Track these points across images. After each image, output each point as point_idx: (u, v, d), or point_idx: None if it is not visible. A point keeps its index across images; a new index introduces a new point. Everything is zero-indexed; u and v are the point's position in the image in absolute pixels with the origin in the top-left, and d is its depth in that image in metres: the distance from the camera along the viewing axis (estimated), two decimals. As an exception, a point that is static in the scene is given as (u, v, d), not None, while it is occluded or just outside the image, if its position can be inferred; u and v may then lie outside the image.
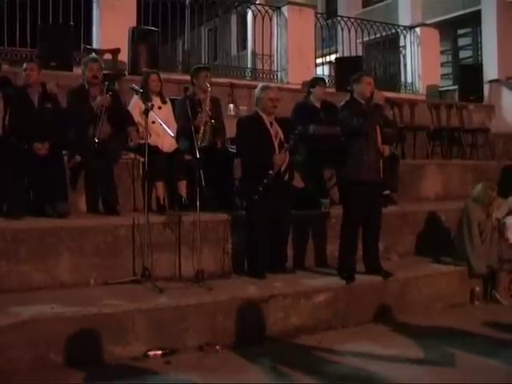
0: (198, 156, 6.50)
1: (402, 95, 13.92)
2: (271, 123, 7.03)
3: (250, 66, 13.99)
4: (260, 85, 7.38)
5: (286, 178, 7.04)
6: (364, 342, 6.03)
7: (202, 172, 6.44)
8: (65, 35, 10.24)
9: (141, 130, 7.15)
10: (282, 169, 6.90)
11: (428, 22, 16.27)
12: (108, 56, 10.48)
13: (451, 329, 6.51)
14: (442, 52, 16.73)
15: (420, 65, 14.68)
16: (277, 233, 6.93)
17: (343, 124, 7.04)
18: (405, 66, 15.01)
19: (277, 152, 6.85)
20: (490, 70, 14.13)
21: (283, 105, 8.56)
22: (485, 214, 7.73)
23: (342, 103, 7.20)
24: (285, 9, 13.10)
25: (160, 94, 7.70)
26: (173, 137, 7.19)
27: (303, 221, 7.50)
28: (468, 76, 14.19)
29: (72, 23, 10.93)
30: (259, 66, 13.45)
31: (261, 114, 7.02)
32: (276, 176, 6.75)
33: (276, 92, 7.15)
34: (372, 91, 6.92)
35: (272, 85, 7.78)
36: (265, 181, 6.62)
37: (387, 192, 8.54)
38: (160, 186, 7.24)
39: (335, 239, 7.31)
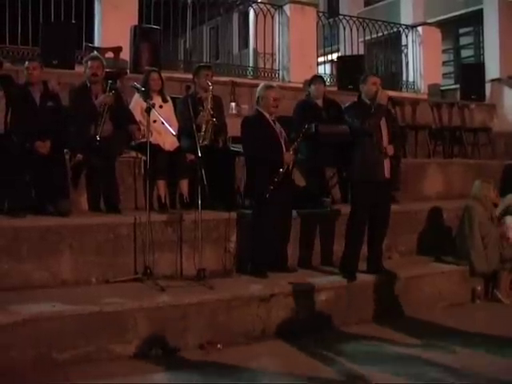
0: (199, 154, 6.50)
1: (404, 94, 13.92)
2: (274, 122, 7.03)
3: (251, 64, 13.98)
4: (262, 83, 7.37)
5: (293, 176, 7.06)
6: (364, 340, 6.03)
7: (203, 170, 6.44)
8: (67, 33, 10.22)
9: (142, 128, 7.15)
10: (290, 167, 6.93)
11: (430, 20, 16.24)
12: (110, 54, 10.47)
13: (452, 328, 6.51)
14: (443, 51, 16.73)
15: (422, 64, 14.67)
16: (279, 231, 6.93)
17: (348, 124, 7.06)
18: (406, 64, 15.01)
19: (284, 150, 6.86)
20: (492, 69, 14.12)
21: (285, 104, 8.56)
22: (486, 212, 7.73)
23: (348, 104, 7.21)
24: (287, 7, 13.09)
25: (161, 93, 7.70)
26: (174, 135, 7.19)
27: (307, 219, 7.49)
28: (470, 75, 14.19)
29: (74, 21, 10.93)
30: (261, 64, 13.45)
31: (263, 112, 7.01)
32: (284, 174, 6.76)
33: (278, 91, 7.14)
34: (377, 90, 6.92)
35: (274, 84, 7.77)
36: (275, 179, 6.63)
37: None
38: (161, 185, 7.24)
39: (338, 238, 7.32)
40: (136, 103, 7.51)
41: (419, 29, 14.87)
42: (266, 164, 6.74)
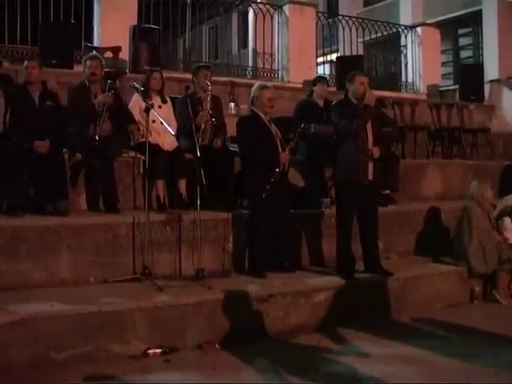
0: (198, 154, 6.50)
1: (403, 95, 13.94)
2: (269, 122, 7.04)
3: (251, 64, 13.98)
4: (257, 84, 7.37)
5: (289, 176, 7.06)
6: (362, 341, 6.01)
7: (202, 170, 6.44)
8: (66, 33, 10.23)
9: (141, 128, 7.16)
10: (286, 167, 6.93)
11: (429, 21, 16.26)
12: (109, 54, 10.47)
13: (450, 329, 6.52)
14: (442, 51, 16.71)
15: (421, 64, 14.68)
16: (277, 232, 6.93)
17: (334, 124, 7.05)
18: (406, 65, 15.01)
19: (280, 150, 6.86)
20: (491, 70, 14.14)
21: (284, 104, 8.60)
22: (484, 213, 7.73)
23: (335, 102, 7.20)
24: (286, 8, 13.09)
25: (161, 93, 7.70)
26: (173, 135, 7.19)
27: (304, 220, 7.50)
28: (469, 76, 14.20)
29: (73, 21, 10.94)
30: (260, 64, 13.46)
31: (259, 113, 7.02)
32: (280, 174, 6.76)
33: (273, 91, 7.16)
34: (364, 91, 6.91)
35: (268, 84, 7.76)
36: (271, 179, 6.63)
37: (387, 191, 8.54)
38: (160, 185, 7.24)
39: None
40: (135, 103, 7.51)
41: (418, 29, 14.87)
42: (262, 164, 6.75)
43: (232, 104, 10.20)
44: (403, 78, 15.03)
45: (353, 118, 6.77)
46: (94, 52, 8.68)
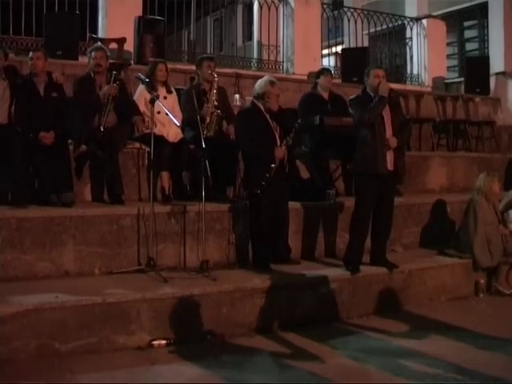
0: (203, 146, 6.49)
1: (408, 87, 13.87)
2: (270, 116, 7.00)
3: (255, 56, 13.93)
4: (265, 78, 7.21)
5: (287, 170, 7.04)
6: (367, 333, 6.03)
7: (207, 162, 6.42)
8: (70, 24, 10.19)
9: (146, 119, 7.15)
10: (285, 161, 6.90)
11: (434, 13, 16.19)
12: (114, 45, 10.43)
13: (455, 321, 6.50)
14: (448, 44, 16.65)
15: (426, 57, 14.63)
16: (278, 224, 6.92)
17: (352, 116, 7.04)
18: (411, 57, 14.97)
19: (278, 144, 6.84)
20: (497, 63, 14.08)
21: (289, 96, 8.57)
22: (490, 206, 7.72)
23: (353, 97, 7.18)
24: (291, -1, 13.07)
25: (165, 84, 7.68)
26: (178, 126, 7.18)
27: (311, 212, 7.49)
28: (474, 68, 14.13)
29: (78, 12, 10.90)
30: (265, 56, 13.41)
31: (260, 106, 6.99)
32: (278, 168, 6.74)
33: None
34: (379, 83, 6.90)
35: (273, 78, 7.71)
36: (267, 175, 6.60)
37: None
38: (165, 176, 7.23)
39: (342, 230, 7.32)
40: (140, 94, 7.50)
41: (424, 21, 14.82)
42: (259, 158, 6.74)
43: (237, 96, 10.16)
44: (408, 71, 14.98)
45: (365, 110, 6.77)
46: (99, 43, 8.66)
